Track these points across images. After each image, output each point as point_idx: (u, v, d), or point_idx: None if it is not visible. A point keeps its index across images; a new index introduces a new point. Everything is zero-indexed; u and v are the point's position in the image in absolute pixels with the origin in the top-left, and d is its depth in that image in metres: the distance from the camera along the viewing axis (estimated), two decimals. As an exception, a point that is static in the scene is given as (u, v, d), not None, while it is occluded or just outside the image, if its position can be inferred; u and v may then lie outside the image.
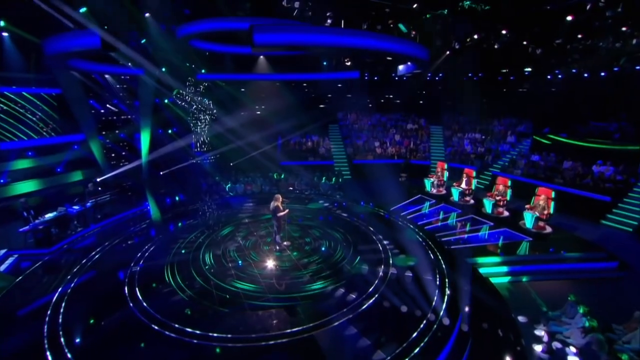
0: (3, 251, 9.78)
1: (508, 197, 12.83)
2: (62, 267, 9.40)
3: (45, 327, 6.96)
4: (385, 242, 10.77)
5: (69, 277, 8.80)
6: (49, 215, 11.02)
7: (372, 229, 11.79)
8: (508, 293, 8.91)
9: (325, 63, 18.70)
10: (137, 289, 8.31)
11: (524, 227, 11.52)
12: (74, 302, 7.83)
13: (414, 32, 14.77)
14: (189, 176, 17.01)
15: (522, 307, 8.19)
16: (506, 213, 12.86)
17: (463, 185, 14.40)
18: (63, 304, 7.72)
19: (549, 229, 11.23)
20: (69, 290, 8.27)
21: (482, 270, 9.45)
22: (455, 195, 14.50)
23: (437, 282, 8.55)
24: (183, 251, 10.22)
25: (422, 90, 23.21)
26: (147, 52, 12.19)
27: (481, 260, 9.93)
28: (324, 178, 16.81)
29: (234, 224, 12.39)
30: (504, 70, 20.15)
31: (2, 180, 13.31)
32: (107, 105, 16.02)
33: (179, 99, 16.97)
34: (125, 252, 10.19)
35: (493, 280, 9.15)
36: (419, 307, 7.50)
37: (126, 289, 8.27)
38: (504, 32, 13.50)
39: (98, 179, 15.15)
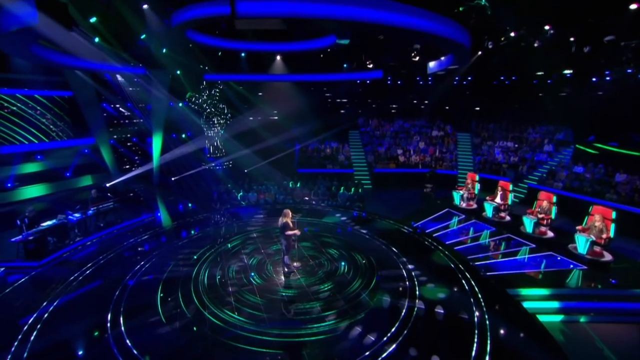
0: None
1: (553, 216, 10.85)
2: (46, 284, 8.29)
3: (6, 364, 5.78)
4: (409, 266, 9.10)
5: (46, 300, 7.64)
6: (45, 224, 10.03)
7: (395, 249, 10.14)
8: (563, 337, 7.03)
9: (345, 65, 17.22)
10: (121, 317, 7.05)
11: (575, 252, 9.55)
12: (45, 333, 6.62)
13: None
14: (200, 183, 15.92)
15: (583, 357, 6.36)
16: (550, 233, 10.88)
17: (498, 199, 12.50)
18: (33, 334, 6.54)
19: (608, 256, 9.21)
20: (46, 315, 7.11)
21: (527, 305, 7.63)
22: (488, 211, 12.61)
23: (475, 320, 6.84)
24: (181, 269, 8.95)
25: (449, 95, 21.30)
26: (150, 52, 11.21)
27: (525, 291, 8.08)
28: (342, 188, 15.28)
29: (241, 237, 11.07)
30: (540, 73, 18.03)
31: (9, 184, 12.58)
32: (120, 109, 15.22)
33: (192, 102, 15.95)
34: (118, 268, 9.01)
35: (542, 318, 7.32)
36: (454, 358, 5.84)
37: (109, 316, 7.02)
38: (547, 27, 11.58)
39: (107, 184, 14.35)
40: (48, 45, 9.35)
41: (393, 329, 6.60)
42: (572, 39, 11.80)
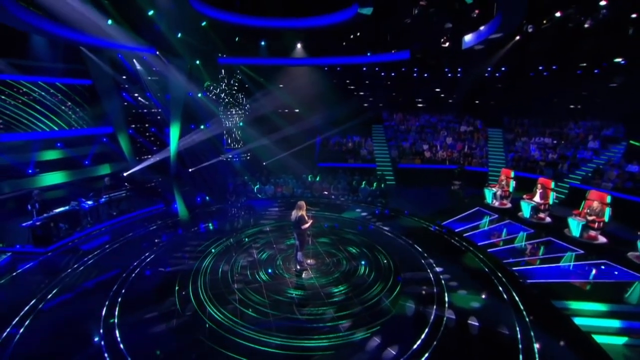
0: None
1: (606, 218, 9.31)
2: (47, 273, 7.79)
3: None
4: (437, 268, 7.93)
5: (44, 290, 7.08)
6: (56, 211, 9.61)
7: (420, 248, 8.98)
8: (628, 364, 5.72)
9: (369, 54, 16.03)
10: (117, 309, 6.36)
11: (638, 261, 8.03)
12: (35, 329, 5.99)
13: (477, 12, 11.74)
14: (217, 174, 15.29)
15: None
16: (602, 239, 9.35)
17: (537, 198, 11.02)
18: (21, 330, 5.93)
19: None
20: (40, 307, 6.53)
21: (578, 322, 6.30)
22: (525, 211, 11.16)
23: (518, 336, 5.63)
24: (186, 262, 8.22)
25: (479, 88, 19.64)
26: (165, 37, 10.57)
27: (576, 305, 6.75)
28: (363, 182, 14.18)
29: (253, 231, 10.25)
30: (583, 64, 16.12)
31: (30, 171, 12.38)
32: (139, 98, 14.81)
33: (210, 91, 15.31)
34: (123, 259, 8.39)
35: (598, 339, 5.98)
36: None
37: (104, 311, 6.33)
38: (603, 2, 9.96)
39: (125, 174, 13.97)
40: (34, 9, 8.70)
41: (418, 342, 5.51)
42: (634, 15, 10.10)
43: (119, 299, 6.71)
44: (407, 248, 9.08)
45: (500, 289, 7.06)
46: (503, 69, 18.37)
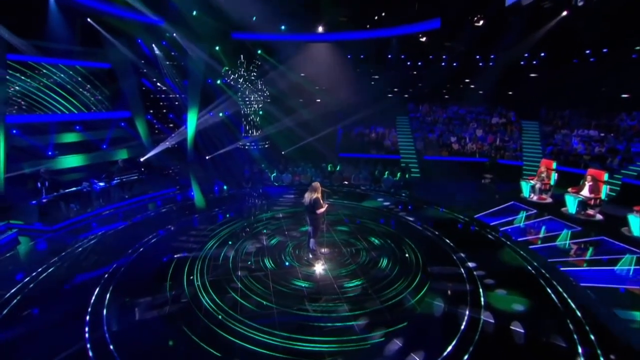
0: (3, 223, 8.04)
1: (676, 215, 7.78)
2: (45, 252, 7.33)
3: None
4: (469, 264, 6.77)
5: (37, 270, 6.56)
6: (67, 190, 9.22)
7: (449, 242, 7.82)
8: None
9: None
10: (107, 295, 5.69)
11: None
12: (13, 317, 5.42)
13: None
14: (234, 161, 14.66)
15: None
16: (670, 238, 7.83)
17: (585, 192, 9.53)
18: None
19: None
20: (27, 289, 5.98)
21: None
22: (570, 206, 9.69)
23: (579, 350, 4.44)
24: (189, 246, 7.50)
25: (513, 77, 17.93)
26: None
27: (644, 315, 5.44)
28: (386, 173, 13.07)
29: (266, 216, 9.46)
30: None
31: (50, 153, 12.19)
32: (157, 84, 14.40)
33: (229, 77, 14.67)
34: (125, 240, 7.81)
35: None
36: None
37: (92, 298, 5.67)
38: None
39: (142, 159, 13.59)
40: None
41: (449, 349, 4.46)
42: None
43: (112, 281, 6.07)
44: (435, 240, 7.96)
45: (549, 290, 5.84)
46: (542, 54, 16.60)
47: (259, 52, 15.65)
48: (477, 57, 17.84)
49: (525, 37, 14.28)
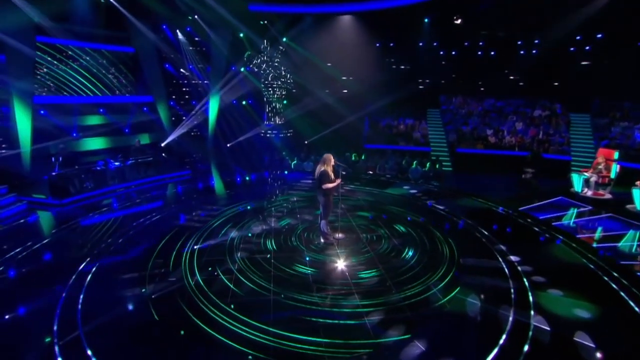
0: (12, 194, 7.81)
1: None
2: (46, 226, 6.95)
3: None
4: (512, 257, 5.51)
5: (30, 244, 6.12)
6: (83, 167, 8.96)
7: (486, 233, 6.57)
8: None
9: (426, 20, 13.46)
10: (95, 265, 5.07)
11: None
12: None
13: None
14: (254, 149, 14.07)
15: None
16: None
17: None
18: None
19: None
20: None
21: None
22: (638, 201, 8.04)
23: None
24: (193, 224, 6.80)
25: (561, 66, 15.99)
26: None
27: None
28: (414, 163, 11.87)
29: (279, 199, 8.67)
30: None
31: (74, 134, 12.16)
32: (181, 70, 14.11)
33: (252, 63, 14.10)
34: (126, 218, 7.29)
35: None
36: None
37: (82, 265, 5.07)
38: None
39: (162, 144, 13.30)
40: None
41: (490, 359, 3.34)
42: None
43: (101, 256, 5.47)
44: (469, 230, 6.74)
45: (623, 294, 4.50)
46: (599, 36, 14.56)
47: (284, 39, 14.98)
48: (519, 42, 16.08)
49: (577, 15, 12.50)
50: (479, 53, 17.58)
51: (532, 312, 4.08)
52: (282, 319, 3.95)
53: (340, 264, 5.26)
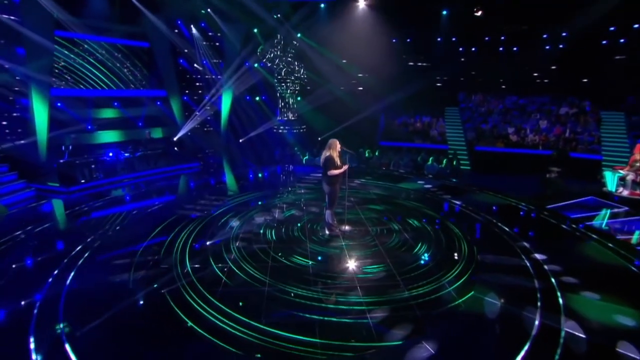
0: (22, 181, 7.82)
1: None
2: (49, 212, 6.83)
3: None
4: (537, 255, 4.90)
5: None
6: (93, 157, 8.92)
7: (507, 229, 5.95)
8: None
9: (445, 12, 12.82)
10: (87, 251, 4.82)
11: None
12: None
13: None
14: (266, 143, 13.82)
15: None
16: None
17: None
18: None
19: None
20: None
21: None
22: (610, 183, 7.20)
23: None
24: (195, 211, 6.52)
25: (590, 61, 14.96)
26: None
27: None
28: (430, 159, 11.28)
29: (286, 191, 8.32)
30: None
31: (89, 127, 12.23)
32: (194, 65, 14.03)
33: (264, 57, 13.86)
34: (135, 204, 7.12)
35: None
36: None
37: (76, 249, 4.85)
38: None
39: (175, 138, 13.22)
40: None
41: (512, 368, 2.81)
42: None
43: (97, 241, 5.24)
44: (488, 225, 6.14)
45: (670, 300, 3.84)
46: (635, 26, 13.49)
47: (299, 35, 14.69)
48: (545, 36, 15.18)
49: (610, 2, 11.58)
50: (501, 49, 16.77)
51: (562, 316, 3.51)
52: (274, 314, 3.54)
53: (345, 258, 4.80)
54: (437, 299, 3.84)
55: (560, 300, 3.79)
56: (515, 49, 16.64)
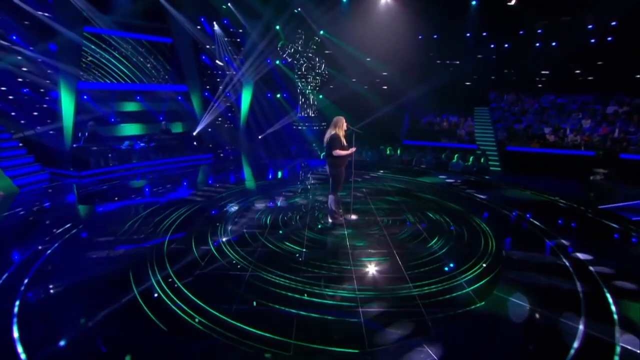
0: (37, 164, 7.96)
1: None
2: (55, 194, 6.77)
3: None
4: (580, 255, 4.02)
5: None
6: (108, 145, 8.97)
7: (541, 225, 5.06)
8: None
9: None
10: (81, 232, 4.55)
11: None
12: None
13: None
14: (284, 139, 13.50)
15: None
16: None
17: None
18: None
19: None
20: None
21: None
22: None
23: None
24: (196, 198, 6.15)
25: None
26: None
27: None
28: (455, 156, 10.41)
29: (295, 181, 7.84)
30: None
31: (112, 120, 12.49)
32: (216, 61, 14.02)
33: (285, 52, 13.59)
34: (130, 194, 6.89)
35: None
36: None
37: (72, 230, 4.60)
38: None
39: (194, 133, 13.21)
40: None
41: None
42: None
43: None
44: (519, 222, 5.27)
45: None
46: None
47: (322, 32, 14.32)
48: (589, 27, 13.78)
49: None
50: (537, 44, 15.49)
51: (616, 328, 2.69)
52: (246, 306, 3.00)
53: (345, 245, 4.18)
54: (448, 296, 3.13)
55: (612, 308, 2.96)
56: (554, 44, 15.29)
